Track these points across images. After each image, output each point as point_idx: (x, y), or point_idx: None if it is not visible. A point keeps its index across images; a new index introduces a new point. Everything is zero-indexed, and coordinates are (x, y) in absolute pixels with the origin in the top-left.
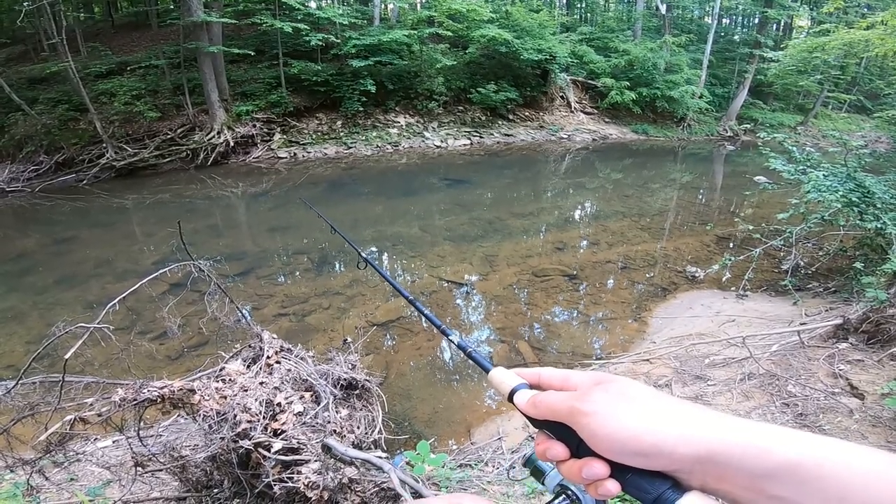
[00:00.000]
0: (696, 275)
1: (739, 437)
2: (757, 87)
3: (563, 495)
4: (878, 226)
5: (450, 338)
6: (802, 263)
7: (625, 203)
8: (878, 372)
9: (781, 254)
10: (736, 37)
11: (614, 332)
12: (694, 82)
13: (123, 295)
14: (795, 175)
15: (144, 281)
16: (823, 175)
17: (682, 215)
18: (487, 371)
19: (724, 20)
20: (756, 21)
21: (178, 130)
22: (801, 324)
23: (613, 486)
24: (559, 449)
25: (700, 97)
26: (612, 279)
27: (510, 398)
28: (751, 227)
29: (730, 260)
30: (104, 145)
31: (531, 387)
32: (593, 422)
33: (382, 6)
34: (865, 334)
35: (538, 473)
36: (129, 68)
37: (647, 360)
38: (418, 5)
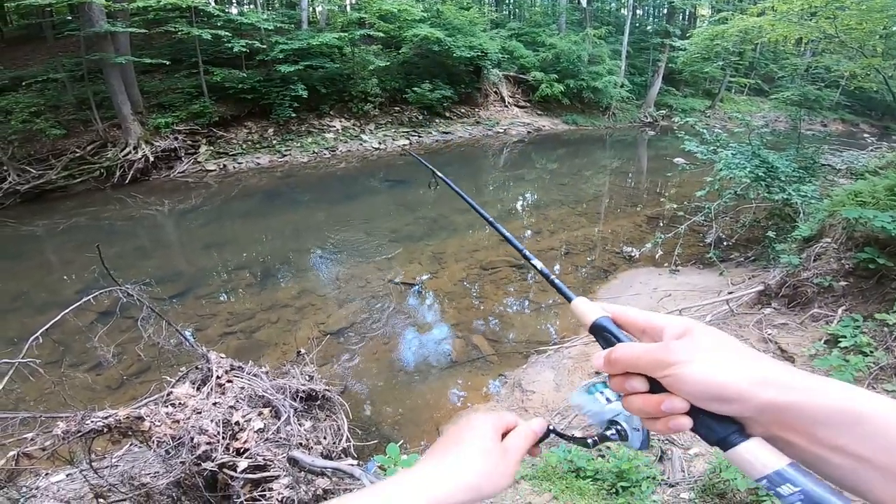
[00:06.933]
0: (633, 254)
1: (803, 384)
2: (670, 74)
3: (614, 428)
4: (784, 197)
5: (532, 263)
6: (723, 236)
7: (562, 191)
8: (803, 334)
9: (704, 228)
10: (649, 27)
11: (564, 316)
12: (615, 72)
13: (46, 327)
14: (708, 155)
15: (67, 311)
16: (732, 154)
17: (614, 199)
18: (570, 300)
19: (637, 11)
20: (665, 11)
21: (88, 147)
22: (729, 293)
23: (686, 421)
24: (637, 383)
25: (621, 86)
26: (558, 265)
27: (591, 331)
28: (675, 206)
29: (660, 238)
30: (4, 168)
31: (613, 321)
32: (681, 370)
33: (311, 9)
34: (786, 298)
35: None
36: (24, 83)
37: None
38: (348, 7)
